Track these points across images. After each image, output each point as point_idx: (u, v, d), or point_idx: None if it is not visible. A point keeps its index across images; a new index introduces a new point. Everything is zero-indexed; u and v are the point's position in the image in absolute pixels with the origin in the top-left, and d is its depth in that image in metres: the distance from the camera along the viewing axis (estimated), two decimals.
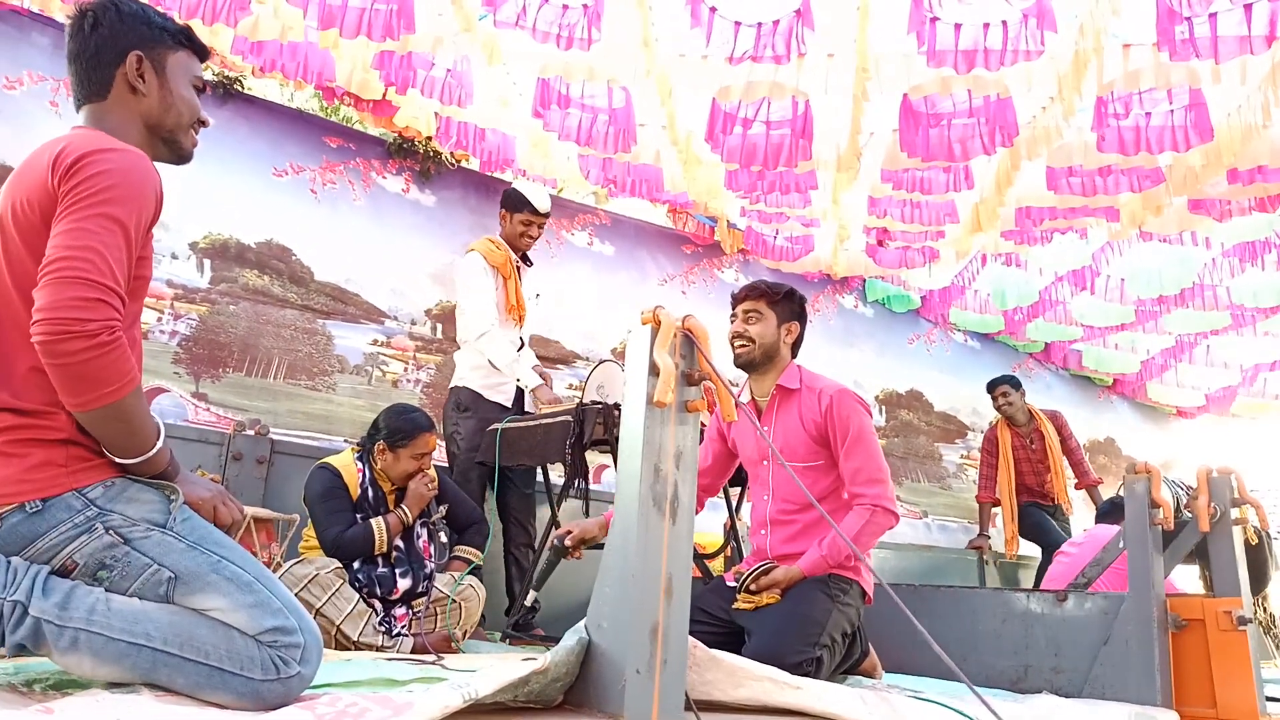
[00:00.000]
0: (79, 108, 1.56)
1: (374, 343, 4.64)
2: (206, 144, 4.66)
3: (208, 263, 4.26)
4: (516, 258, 3.86)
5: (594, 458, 4.05)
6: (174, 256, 4.16)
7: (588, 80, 3.97)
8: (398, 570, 2.85)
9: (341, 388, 4.52)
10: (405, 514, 2.90)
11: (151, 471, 1.42)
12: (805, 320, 2.81)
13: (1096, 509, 5.17)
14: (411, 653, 2.70)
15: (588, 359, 5.18)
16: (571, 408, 3.21)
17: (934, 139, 3.87)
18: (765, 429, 2.69)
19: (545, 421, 3.29)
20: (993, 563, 5.85)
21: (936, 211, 4.81)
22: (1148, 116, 3.67)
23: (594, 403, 3.17)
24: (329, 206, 4.61)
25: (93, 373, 1.28)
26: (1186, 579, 3.92)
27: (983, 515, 5.72)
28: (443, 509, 3.09)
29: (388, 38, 3.56)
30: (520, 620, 3.44)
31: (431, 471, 3.04)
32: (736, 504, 3.72)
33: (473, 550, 3.15)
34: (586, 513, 3.35)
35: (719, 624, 2.55)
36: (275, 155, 4.51)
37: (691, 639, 1.55)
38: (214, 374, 4.20)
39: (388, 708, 1.21)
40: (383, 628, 2.77)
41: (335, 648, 2.63)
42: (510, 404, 3.76)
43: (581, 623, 1.52)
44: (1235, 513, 2.83)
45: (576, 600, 3.95)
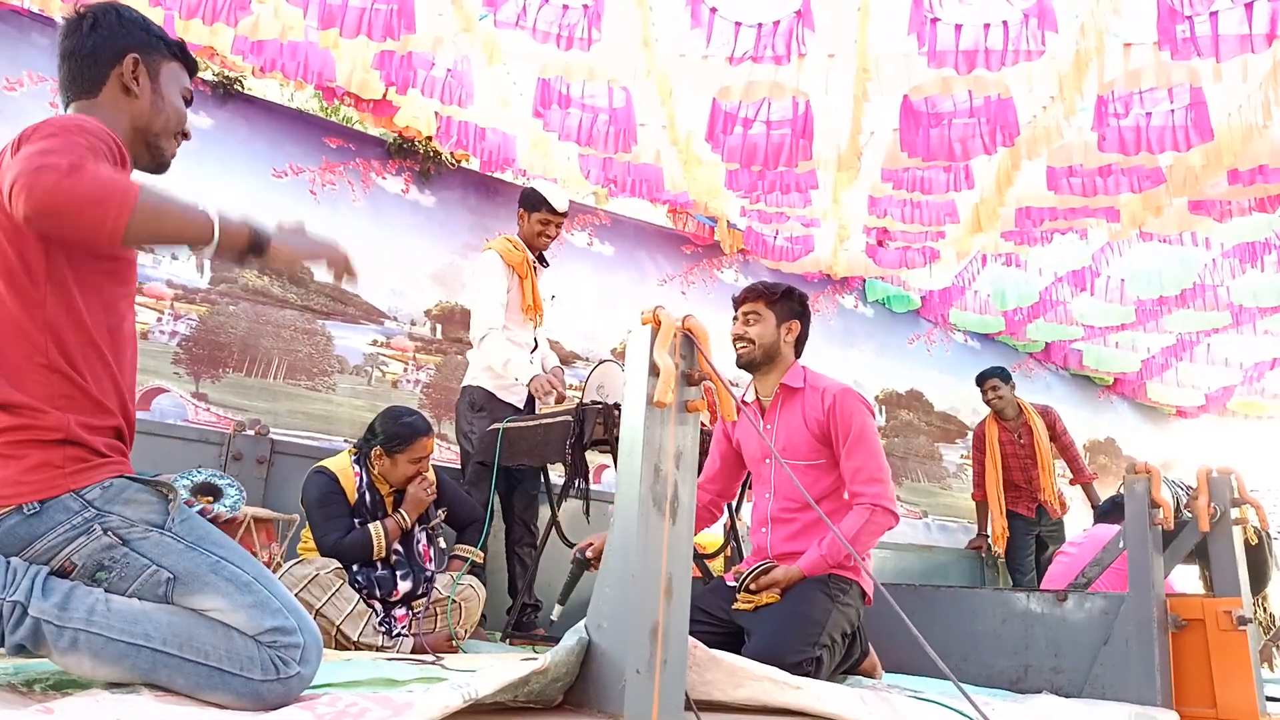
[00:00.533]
0: (66, 105, 1.58)
1: (374, 343, 4.64)
2: (206, 144, 4.70)
3: (207, 263, 4.26)
4: (533, 257, 3.86)
5: (594, 458, 4.04)
6: (174, 257, 4.16)
7: (588, 80, 3.97)
8: (398, 572, 2.84)
9: (341, 388, 4.52)
10: (404, 519, 2.89)
11: (233, 245, 1.44)
12: (807, 318, 2.81)
13: (1093, 506, 5.17)
14: (411, 653, 2.70)
15: (588, 359, 5.18)
16: (571, 406, 3.21)
17: (934, 139, 3.88)
18: (768, 428, 2.70)
19: (545, 421, 3.29)
20: (992, 563, 5.84)
21: (937, 211, 4.81)
22: (1148, 116, 3.67)
23: (594, 403, 3.17)
24: (329, 207, 4.61)
25: (86, 194, 1.23)
26: (1186, 579, 3.92)
27: (980, 514, 5.70)
28: (441, 512, 3.08)
29: (388, 38, 3.57)
30: (520, 620, 3.44)
31: (430, 475, 3.03)
32: (736, 504, 3.71)
33: (471, 548, 3.14)
34: (587, 512, 3.35)
35: (719, 624, 2.55)
36: (275, 156, 4.51)
37: (691, 639, 1.55)
38: (214, 374, 4.20)
39: (388, 708, 1.21)
40: (383, 628, 2.76)
41: (335, 648, 2.62)
42: (523, 405, 3.75)
43: (581, 623, 1.52)
44: (1235, 513, 2.83)
45: (576, 600, 3.95)
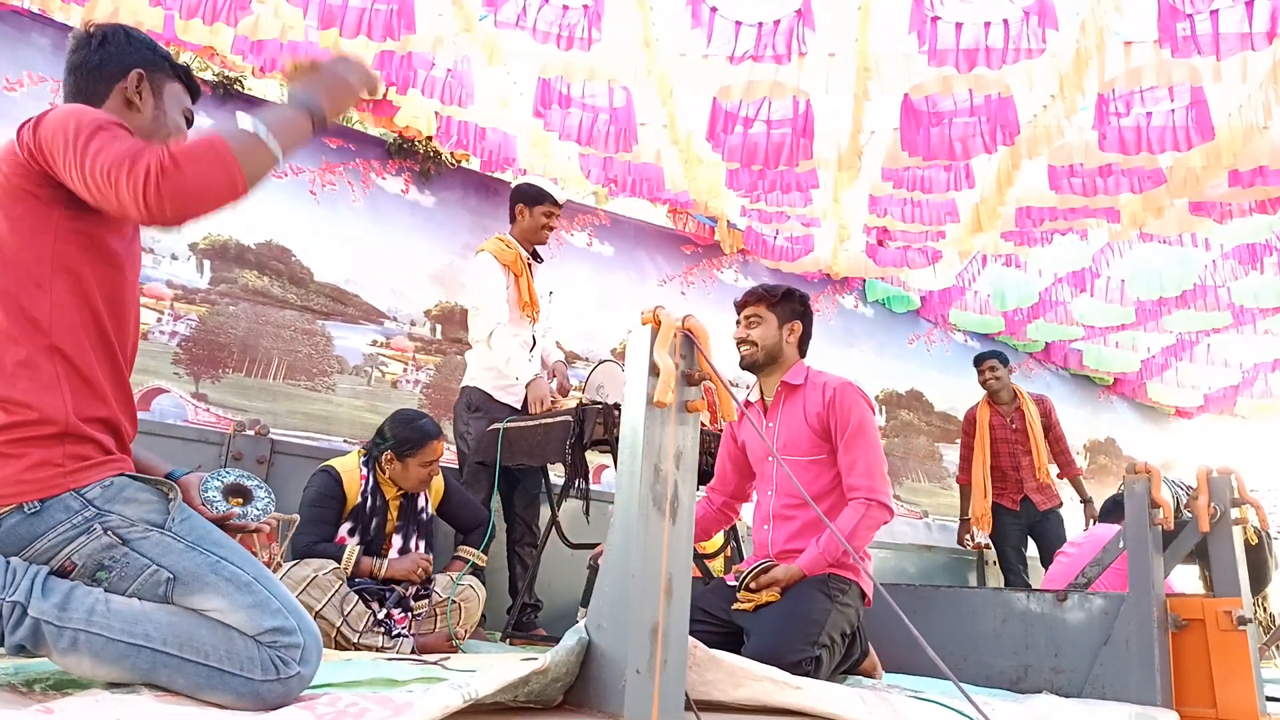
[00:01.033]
0: None
1: (373, 343, 4.64)
2: None
3: (207, 263, 4.26)
4: (527, 254, 3.84)
5: (594, 458, 4.05)
6: (174, 257, 4.16)
7: (588, 80, 3.97)
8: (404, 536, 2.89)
9: (341, 388, 4.52)
10: (379, 568, 2.84)
11: (307, 133, 1.46)
12: (809, 318, 2.82)
13: (1081, 500, 5.16)
14: (411, 653, 2.70)
15: (588, 359, 5.18)
16: (571, 408, 3.21)
17: (935, 138, 3.87)
18: (770, 426, 2.71)
19: (545, 422, 3.29)
20: (992, 561, 5.83)
21: (937, 210, 4.81)
22: (1149, 116, 3.67)
23: (594, 403, 3.17)
24: (328, 207, 4.61)
25: (201, 171, 1.30)
26: (1186, 579, 3.92)
27: (964, 499, 5.57)
28: (422, 590, 2.91)
29: (388, 38, 3.56)
30: (520, 620, 3.44)
31: (439, 482, 3.06)
32: None
33: (474, 550, 3.15)
34: (586, 512, 3.35)
35: (719, 624, 2.55)
36: None
37: (691, 639, 1.55)
38: (214, 374, 4.20)
39: (388, 708, 1.21)
40: (383, 629, 2.76)
41: (335, 649, 2.62)
42: (520, 405, 3.75)
43: (581, 623, 1.52)
44: (1235, 513, 2.82)
45: (577, 600, 3.95)
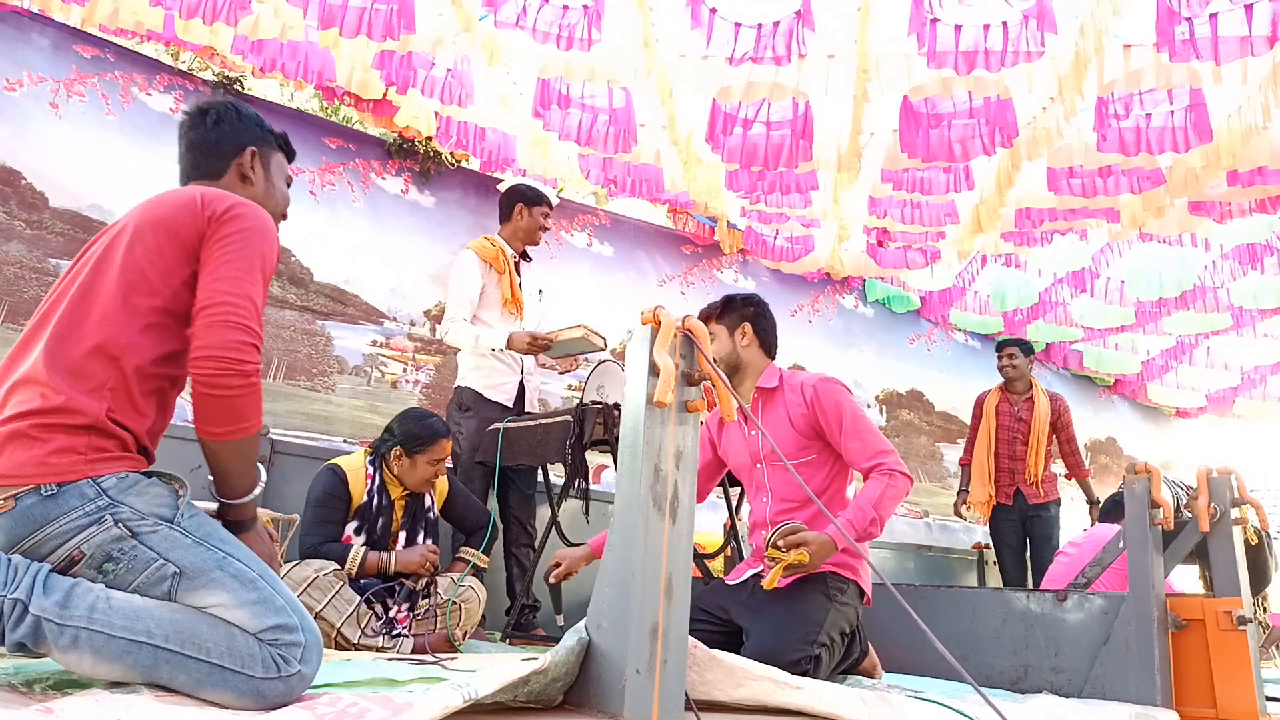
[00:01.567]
0: (186, 183, 1.77)
1: (373, 343, 4.64)
2: None
3: None
4: (515, 253, 3.85)
5: (594, 458, 4.04)
6: None
7: (588, 80, 3.97)
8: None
9: (341, 388, 4.51)
10: (389, 562, 2.83)
11: (242, 515, 1.56)
12: (760, 317, 2.76)
13: (1088, 502, 5.14)
14: (411, 653, 2.70)
15: (587, 359, 5.17)
16: (571, 408, 3.21)
17: (934, 139, 3.88)
18: (753, 434, 2.69)
19: (545, 421, 3.29)
20: (992, 562, 5.84)
21: (937, 212, 4.81)
22: (1148, 117, 3.67)
23: (594, 403, 3.17)
24: (328, 208, 4.61)
25: (240, 408, 1.46)
26: (1186, 579, 3.92)
27: (963, 478, 5.49)
28: (432, 586, 2.92)
29: (388, 38, 3.56)
30: (520, 620, 3.44)
31: (443, 483, 3.08)
32: (736, 504, 3.71)
33: (476, 552, 3.14)
34: (586, 512, 3.35)
35: (719, 624, 2.55)
36: None
37: (691, 639, 1.55)
38: None
39: (388, 708, 1.21)
40: (383, 629, 2.76)
41: (335, 649, 2.62)
42: (511, 404, 3.76)
43: (581, 623, 1.52)
44: (1235, 513, 2.82)
45: (577, 600, 3.95)
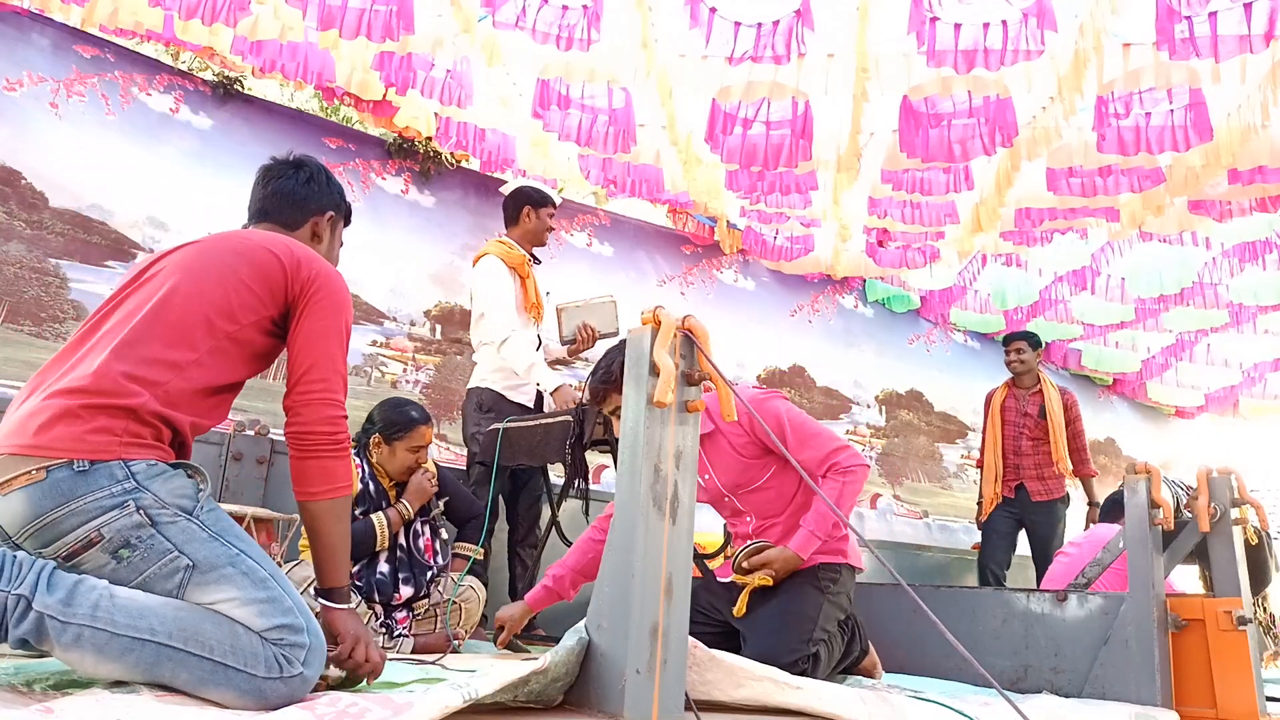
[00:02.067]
0: (256, 222, 1.90)
1: (373, 343, 4.64)
2: (206, 144, 4.67)
3: None
4: (529, 256, 3.84)
5: (594, 458, 4.04)
6: None
7: (588, 81, 3.97)
8: (400, 575, 2.83)
9: None
10: (406, 508, 2.87)
11: (339, 601, 1.60)
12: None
13: (1089, 503, 5.12)
14: (412, 653, 2.70)
15: (587, 359, 5.17)
16: (571, 409, 3.20)
17: (934, 139, 3.88)
18: (707, 478, 2.66)
19: (545, 421, 3.29)
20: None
21: (936, 212, 4.81)
22: (1148, 116, 3.67)
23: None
24: None
25: (330, 469, 1.60)
26: (1186, 579, 3.92)
27: (981, 481, 5.49)
28: (442, 503, 3.06)
29: (387, 38, 3.56)
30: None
31: (431, 465, 3.04)
32: None
33: (472, 546, 3.14)
34: (586, 512, 3.34)
35: (718, 624, 2.55)
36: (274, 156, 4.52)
37: (691, 639, 1.56)
38: None
39: (388, 708, 1.21)
40: (383, 630, 2.76)
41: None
42: (532, 405, 3.74)
43: (581, 623, 1.52)
44: (1235, 513, 2.82)
45: (576, 600, 3.94)
